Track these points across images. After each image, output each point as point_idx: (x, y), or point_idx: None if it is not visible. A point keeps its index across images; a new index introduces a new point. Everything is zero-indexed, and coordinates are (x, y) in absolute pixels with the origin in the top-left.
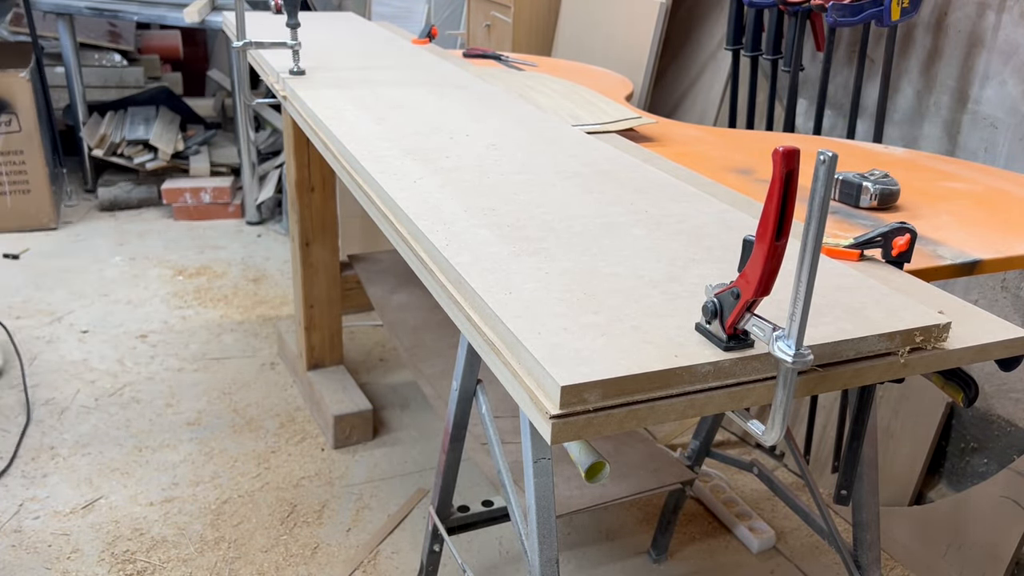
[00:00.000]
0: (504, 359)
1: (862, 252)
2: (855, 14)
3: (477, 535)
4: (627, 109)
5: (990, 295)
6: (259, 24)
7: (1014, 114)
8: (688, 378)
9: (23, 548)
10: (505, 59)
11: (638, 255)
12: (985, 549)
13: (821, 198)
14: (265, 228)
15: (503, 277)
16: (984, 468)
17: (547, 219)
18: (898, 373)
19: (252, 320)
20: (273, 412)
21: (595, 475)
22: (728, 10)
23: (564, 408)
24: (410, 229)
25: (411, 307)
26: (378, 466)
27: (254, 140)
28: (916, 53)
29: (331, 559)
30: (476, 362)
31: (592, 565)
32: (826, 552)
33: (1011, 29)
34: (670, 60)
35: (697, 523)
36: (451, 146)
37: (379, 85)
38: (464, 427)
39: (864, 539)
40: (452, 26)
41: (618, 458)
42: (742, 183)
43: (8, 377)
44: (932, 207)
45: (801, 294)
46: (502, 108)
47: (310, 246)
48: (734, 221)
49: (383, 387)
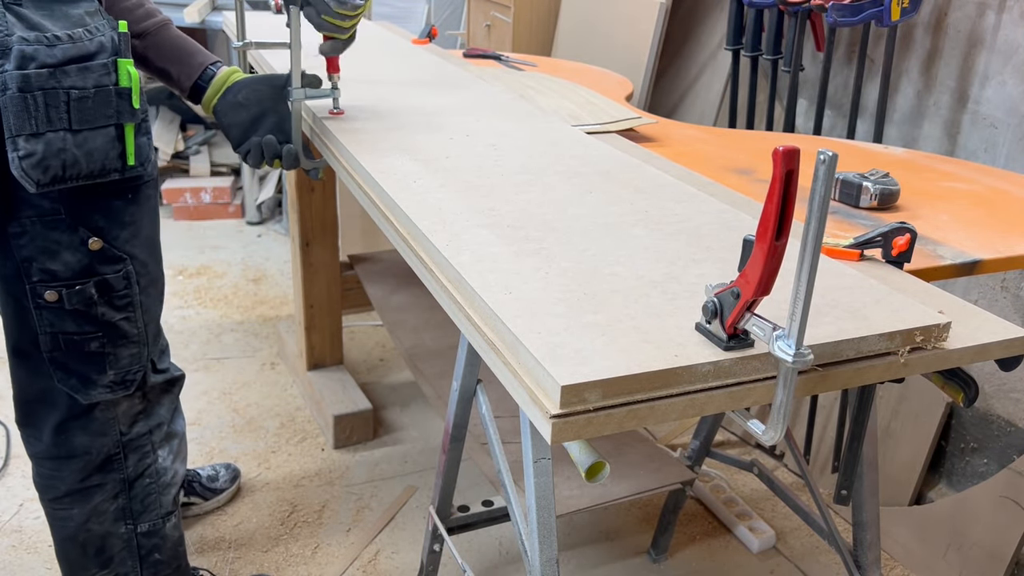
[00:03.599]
0: (504, 359)
1: (862, 252)
2: (855, 14)
3: (477, 535)
4: (627, 109)
5: (990, 295)
6: (259, 24)
7: (1014, 114)
8: (688, 378)
9: (23, 548)
10: (505, 59)
11: (638, 255)
12: (985, 549)
13: (821, 198)
14: (265, 228)
15: (503, 277)
16: (984, 468)
17: (547, 219)
18: (898, 373)
19: (252, 320)
20: (273, 412)
21: (595, 475)
22: (728, 10)
23: (564, 408)
24: (410, 229)
25: (411, 307)
26: (378, 466)
27: None
28: (916, 53)
29: (331, 559)
30: (476, 362)
31: (592, 565)
32: (826, 552)
33: (1011, 29)
34: (670, 60)
35: (697, 523)
36: (451, 146)
37: (379, 85)
38: (464, 427)
39: (864, 539)
40: (452, 26)
41: (618, 458)
42: (742, 183)
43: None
44: (932, 207)
45: (801, 294)
46: (502, 108)
47: (310, 246)
48: (734, 221)
49: (383, 387)
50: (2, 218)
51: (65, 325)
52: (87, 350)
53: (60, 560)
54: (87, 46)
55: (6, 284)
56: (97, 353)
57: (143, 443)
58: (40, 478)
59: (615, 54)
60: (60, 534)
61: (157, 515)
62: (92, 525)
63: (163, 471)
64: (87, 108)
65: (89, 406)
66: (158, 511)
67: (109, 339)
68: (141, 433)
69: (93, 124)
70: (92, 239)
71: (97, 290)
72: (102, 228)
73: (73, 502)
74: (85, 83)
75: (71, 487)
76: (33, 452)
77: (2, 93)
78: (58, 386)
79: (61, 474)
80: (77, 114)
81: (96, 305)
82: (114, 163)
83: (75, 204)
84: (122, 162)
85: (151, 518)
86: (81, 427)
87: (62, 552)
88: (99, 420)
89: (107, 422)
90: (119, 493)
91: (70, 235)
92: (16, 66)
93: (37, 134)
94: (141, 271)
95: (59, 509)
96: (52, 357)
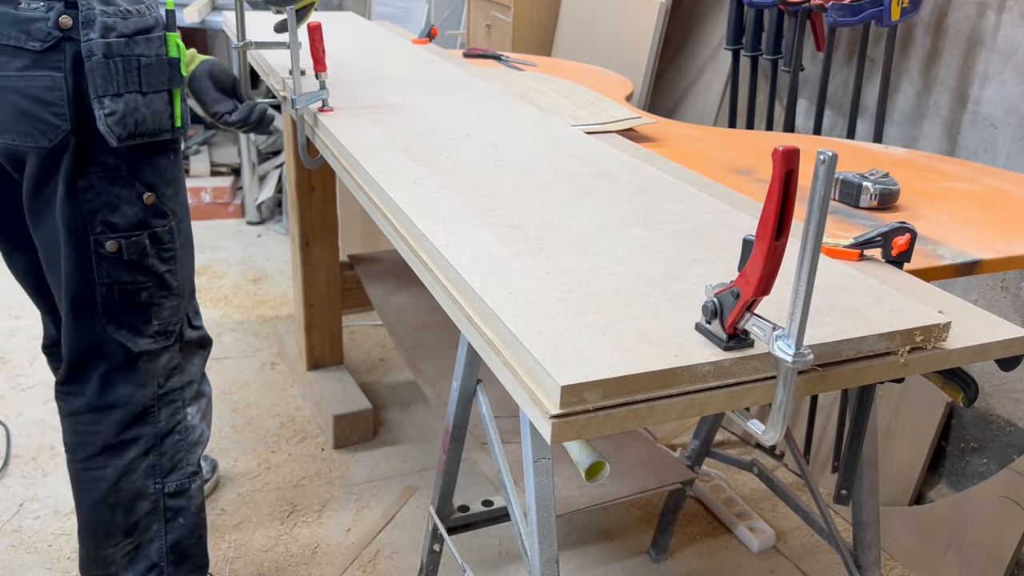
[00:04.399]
0: (504, 359)
1: (862, 252)
2: (855, 14)
3: (477, 535)
4: (627, 109)
5: (990, 295)
6: (259, 24)
7: (1014, 114)
8: (688, 378)
9: (23, 548)
10: (505, 59)
11: (638, 255)
12: (985, 549)
13: (821, 198)
14: (265, 228)
15: (503, 277)
16: (984, 468)
17: (547, 219)
18: (898, 373)
19: (252, 320)
20: (273, 412)
21: (595, 475)
22: (728, 10)
23: (564, 408)
24: (410, 229)
25: (411, 307)
26: (378, 466)
27: (254, 140)
28: (916, 53)
29: (331, 559)
30: (476, 362)
31: (592, 565)
32: (826, 552)
33: (1011, 29)
34: (670, 60)
35: (697, 523)
36: (451, 146)
37: (379, 85)
38: (464, 427)
39: (864, 539)
40: (452, 26)
41: (618, 458)
42: (742, 183)
43: (8, 375)
44: (932, 207)
45: (801, 294)
46: (502, 108)
47: (310, 246)
48: (734, 221)
49: (383, 387)
50: (73, 174)
51: (121, 275)
52: (137, 300)
53: (85, 533)
54: (148, 20)
55: (72, 236)
56: (145, 303)
57: (175, 398)
58: (76, 436)
59: (615, 54)
60: (90, 498)
61: (184, 474)
62: (124, 484)
63: (191, 428)
64: (151, 74)
65: (135, 356)
66: (185, 470)
67: (156, 289)
68: (174, 388)
69: (155, 88)
70: (147, 194)
71: (149, 242)
72: (153, 184)
73: (108, 459)
74: (149, 52)
75: (107, 441)
76: (71, 410)
77: (88, 59)
78: (111, 336)
79: (99, 428)
80: (145, 78)
81: (147, 256)
82: (167, 123)
83: (133, 161)
84: (171, 123)
85: (179, 477)
86: (125, 377)
87: (89, 521)
88: (141, 371)
89: (148, 373)
90: (151, 448)
91: (129, 190)
92: (99, 35)
93: (118, 94)
94: (180, 227)
95: (92, 469)
96: (106, 308)
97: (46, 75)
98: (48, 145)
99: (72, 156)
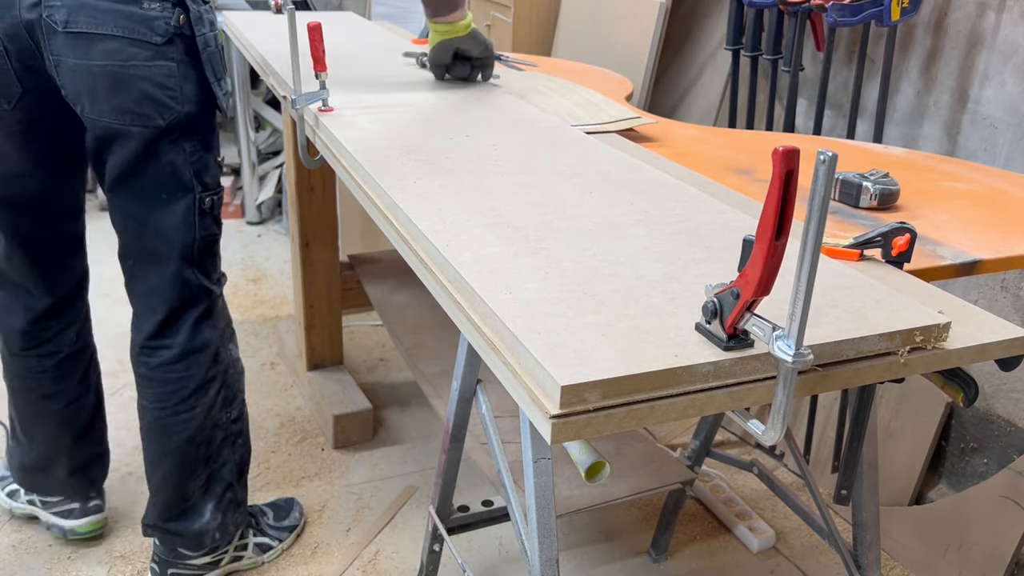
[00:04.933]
0: (504, 359)
1: (862, 252)
2: (855, 14)
3: (477, 535)
4: (627, 109)
5: (990, 295)
6: (259, 24)
7: (1014, 114)
8: (688, 378)
9: (24, 548)
10: (505, 59)
11: (638, 255)
12: (985, 549)
13: (821, 198)
14: (265, 228)
15: (503, 277)
16: (984, 468)
17: (547, 219)
18: (898, 373)
19: (252, 320)
20: (273, 412)
21: (595, 475)
22: (728, 10)
23: (564, 408)
24: (410, 229)
25: (411, 307)
26: (378, 466)
27: (254, 140)
28: (916, 53)
29: (331, 559)
30: (476, 362)
31: (592, 565)
32: (826, 552)
33: (1011, 29)
34: (670, 60)
35: (697, 523)
36: (451, 146)
37: (379, 85)
38: (464, 427)
39: (864, 539)
40: None
41: (618, 458)
42: (742, 183)
43: None
44: (932, 207)
45: (801, 294)
46: (502, 108)
47: (310, 246)
48: (734, 221)
49: (383, 387)
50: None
51: (211, 228)
52: (213, 250)
53: (169, 476)
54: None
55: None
56: (216, 253)
57: (229, 334)
58: (166, 385)
59: (615, 54)
60: (179, 440)
61: (239, 400)
62: (208, 420)
63: (237, 360)
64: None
65: (215, 300)
66: (240, 396)
67: (220, 238)
68: (225, 326)
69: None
70: (219, 158)
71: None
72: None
73: (198, 399)
74: (218, 43)
75: (198, 383)
76: (160, 362)
77: (204, 50)
78: (201, 283)
79: (191, 372)
80: (220, 64)
81: (217, 209)
82: (223, 102)
83: (212, 133)
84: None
85: (238, 404)
86: (210, 323)
87: (179, 462)
88: (216, 314)
89: (219, 315)
90: (223, 384)
91: (212, 155)
92: (209, 29)
93: (222, 78)
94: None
95: (183, 412)
96: (198, 259)
97: (165, 64)
98: (163, 125)
99: (180, 131)
